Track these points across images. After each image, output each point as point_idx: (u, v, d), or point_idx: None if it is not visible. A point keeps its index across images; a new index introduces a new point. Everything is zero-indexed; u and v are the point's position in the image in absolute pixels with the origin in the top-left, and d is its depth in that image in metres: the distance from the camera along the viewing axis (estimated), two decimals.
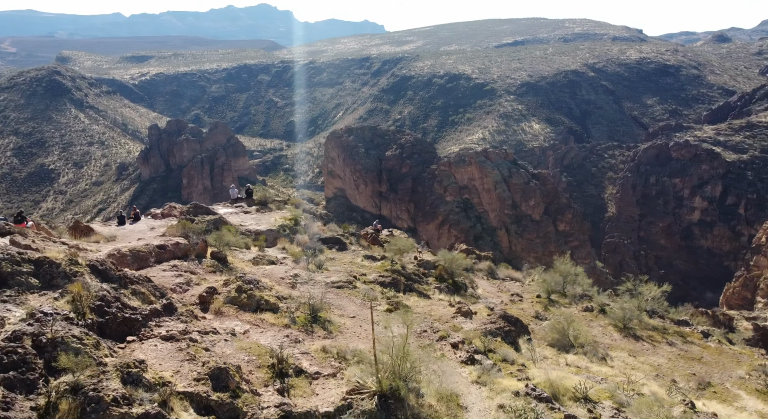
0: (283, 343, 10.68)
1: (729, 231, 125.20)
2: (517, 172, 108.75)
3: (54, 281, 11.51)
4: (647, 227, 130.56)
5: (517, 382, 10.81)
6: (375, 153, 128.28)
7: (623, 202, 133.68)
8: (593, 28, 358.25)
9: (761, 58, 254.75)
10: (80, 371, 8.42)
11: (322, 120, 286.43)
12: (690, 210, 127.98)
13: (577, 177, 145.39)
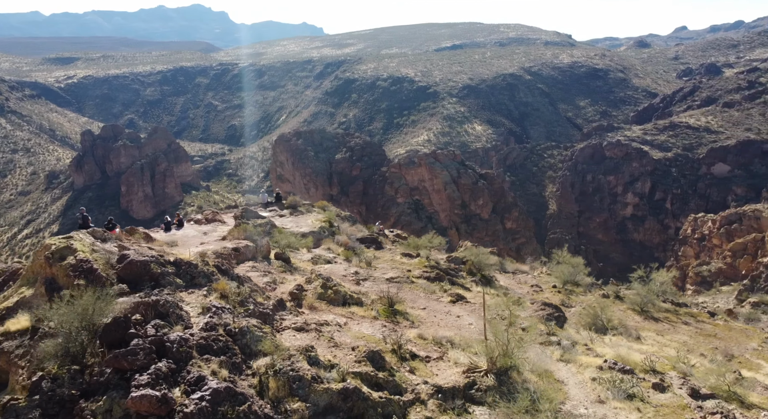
0: (384, 332, 11.27)
1: (658, 224, 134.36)
2: (465, 173, 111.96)
3: (195, 280, 12.34)
4: (586, 223, 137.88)
5: (594, 358, 11.93)
6: (325, 156, 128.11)
7: (563, 200, 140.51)
8: (526, 32, 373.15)
9: (678, 63, 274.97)
10: (276, 354, 9.57)
11: (265, 123, 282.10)
12: (623, 205, 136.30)
13: (519, 176, 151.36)
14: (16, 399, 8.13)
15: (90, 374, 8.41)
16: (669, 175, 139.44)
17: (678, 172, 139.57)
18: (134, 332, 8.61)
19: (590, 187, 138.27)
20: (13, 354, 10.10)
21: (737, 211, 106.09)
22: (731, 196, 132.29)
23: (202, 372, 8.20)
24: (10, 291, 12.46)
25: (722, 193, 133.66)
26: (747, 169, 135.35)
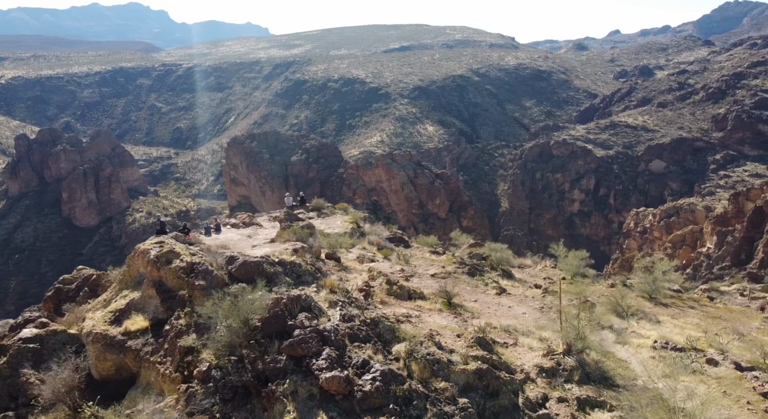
0: (457, 322, 11.81)
1: (603, 219, 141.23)
2: (422, 173, 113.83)
3: (302, 278, 13.32)
4: (536, 219, 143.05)
5: (643, 340, 12.97)
6: (280, 158, 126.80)
7: (514, 197, 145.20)
8: (472, 35, 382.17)
9: (614, 65, 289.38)
10: (409, 341, 10.45)
11: (213, 125, 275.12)
12: (570, 202, 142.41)
13: (472, 175, 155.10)
14: (194, 387, 8.43)
15: (251, 362, 8.83)
16: (611, 171, 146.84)
17: (619, 169, 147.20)
18: (294, 324, 9.02)
19: (539, 185, 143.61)
20: (142, 351, 10.29)
21: (674, 205, 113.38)
22: (667, 191, 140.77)
23: (362, 356, 8.75)
24: (109, 294, 12.52)
25: (659, 188, 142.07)
26: (681, 165, 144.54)
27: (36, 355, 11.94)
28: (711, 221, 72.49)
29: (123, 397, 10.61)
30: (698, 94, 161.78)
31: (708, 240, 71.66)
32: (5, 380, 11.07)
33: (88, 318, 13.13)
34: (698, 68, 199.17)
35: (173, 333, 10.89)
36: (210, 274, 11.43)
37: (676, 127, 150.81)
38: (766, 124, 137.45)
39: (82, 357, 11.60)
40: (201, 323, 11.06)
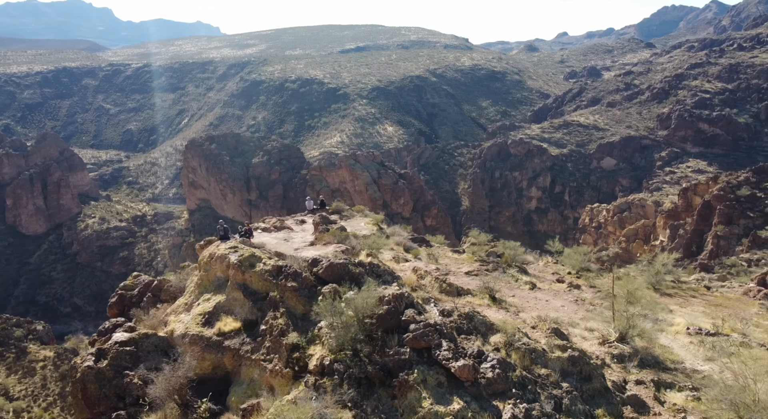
0: (509, 316, 12.32)
1: (559, 215, 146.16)
2: (385, 173, 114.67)
3: (382, 277, 13.89)
4: (496, 217, 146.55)
5: (675, 327, 13.88)
6: (241, 160, 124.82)
7: (474, 196, 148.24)
8: (427, 36, 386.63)
9: (564, 66, 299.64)
10: (503, 332, 11.29)
11: (166, 127, 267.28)
12: (528, 199, 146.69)
13: (433, 175, 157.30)
14: (322, 380, 8.77)
15: (367, 355, 9.45)
16: (566, 169, 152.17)
17: (573, 167, 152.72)
18: (409, 319, 9.45)
19: (498, 183, 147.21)
20: (241, 350, 10.61)
21: (626, 201, 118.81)
22: (618, 187, 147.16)
23: (473, 347, 9.30)
24: (188, 298, 12.71)
25: (611, 185, 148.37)
26: (630, 162, 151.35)
27: (133, 357, 12.50)
28: (663, 215, 76.60)
29: (218, 394, 10.98)
30: (644, 94, 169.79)
31: (661, 233, 75.69)
32: (110, 381, 11.63)
33: (172, 321, 13.46)
34: (642, 69, 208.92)
35: (275, 331, 11.46)
36: (300, 276, 11.97)
37: (625, 126, 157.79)
38: (705, 123, 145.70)
39: (178, 358, 11.86)
40: (300, 322, 11.44)
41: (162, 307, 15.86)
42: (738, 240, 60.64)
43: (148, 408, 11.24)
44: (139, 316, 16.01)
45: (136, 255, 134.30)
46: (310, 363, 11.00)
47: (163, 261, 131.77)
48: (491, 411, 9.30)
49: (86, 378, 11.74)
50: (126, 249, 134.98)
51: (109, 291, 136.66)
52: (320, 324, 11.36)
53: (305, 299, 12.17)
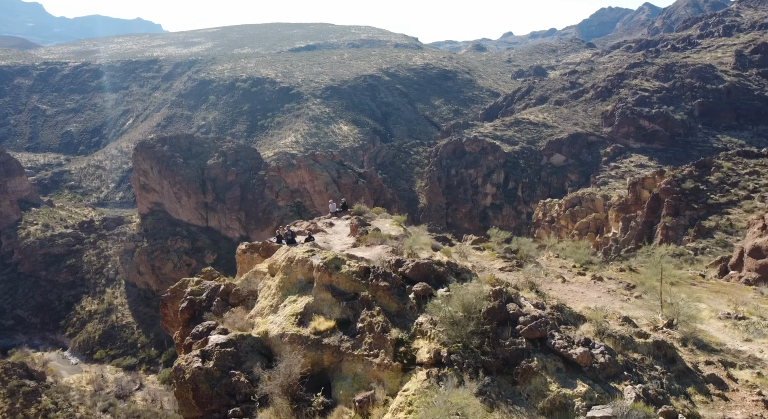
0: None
1: (513, 210, 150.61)
2: (345, 173, 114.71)
3: (461, 275, 14.57)
4: (453, 213, 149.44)
5: (707, 312, 14.94)
6: (195, 162, 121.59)
7: (432, 193, 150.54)
8: (377, 35, 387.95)
9: (511, 65, 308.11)
10: (591, 321, 12.47)
11: (109, 129, 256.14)
12: (483, 195, 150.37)
13: (390, 173, 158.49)
14: (444, 370, 9.14)
15: (478, 346, 11.10)
16: (518, 166, 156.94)
17: (525, 163, 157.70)
18: (516, 312, 10.01)
19: (455, 181, 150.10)
20: (341, 347, 11.98)
21: (577, 195, 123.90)
22: (567, 182, 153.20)
23: (577, 335, 9.94)
24: (272, 300, 13.17)
25: (560, 180, 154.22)
26: (577, 158, 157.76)
27: (234, 358, 13.10)
28: (615, 209, 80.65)
29: (315, 389, 11.45)
30: (588, 93, 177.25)
31: (613, 225, 79.70)
32: (219, 380, 12.21)
33: (261, 323, 13.82)
34: (586, 69, 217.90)
35: (377, 328, 12.18)
36: (390, 276, 12.50)
37: (572, 123, 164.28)
38: (645, 120, 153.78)
39: (281, 357, 12.24)
40: (396, 318, 12.58)
41: (236, 310, 15.99)
42: (685, 230, 64.77)
43: (258, 404, 11.91)
44: (213, 319, 16.13)
45: (84, 262, 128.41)
46: (418, 357, 11.75)
47: (115, 268, 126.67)
48: (612, 392, 10.14)
49: (197, 379, 12.32)
50: (73, 257, 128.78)
51: (55, 301, 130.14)
52: (419, 320, 12.02)
53: (397, 297, 12.81)
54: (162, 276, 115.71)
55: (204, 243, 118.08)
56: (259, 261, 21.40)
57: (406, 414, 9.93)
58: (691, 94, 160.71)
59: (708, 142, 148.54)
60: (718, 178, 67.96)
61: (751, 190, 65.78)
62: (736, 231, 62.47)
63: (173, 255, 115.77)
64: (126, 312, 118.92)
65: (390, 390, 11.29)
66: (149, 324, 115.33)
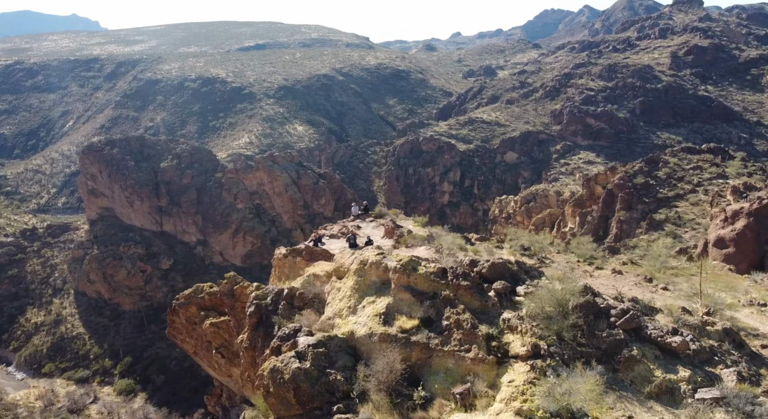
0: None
1: (469, 208, 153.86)
2: (305, 173, 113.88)
3: (530, 273, 15.20)
4: (412, 212, 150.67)
5: (733, 300, 15.93)
6: (147, 165, 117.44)
7: (390, 192, 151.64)
8: (327, 34, 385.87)
9: (462, 65, 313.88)
10: (672, 311, 13.60)
11: (47, 131, 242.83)
12: (441, 194, 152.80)
13: (348, 173, 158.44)
14: (546, 361, 9.35)
15: (573, 338, 11.78)
16: (473, 164, 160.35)
17: (480, 161, 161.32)
18: (606, 305, 10.41)
19: (413, 179, 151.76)
20: (430, 343, 12.52)
21: (531, 192, 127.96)
22: (521, 179, 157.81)
23: (663, 325, 10.50)
24: (349, 302, 13.31)
25: (514, 177, 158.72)
26: (529, 156, 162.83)
27: (326, 357, 13.58)
28: (571, 204, 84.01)
29: (406, 385, 11.83)
30: (538, 92, 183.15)
31: (570, 220, 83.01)
32: (318, 379, 12.72)
33: (343, 324, 14.09)
34: (534, 69, 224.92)
35: (466, 325, 12.73)
36: (469, 276, 12.80)
37: (523, 122, 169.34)
38: (592, 118, 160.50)
39: (373, 356, 12.41)
40: (480, 315, 13.23)
41: (306, 313, 16.05)
42: (637, 223, 68.38)
43: (358, 400, 12.44)
44: (281, 323, 16.18)
45: (28, 272, 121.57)
46: (511, 350, 12.40)
47: (62, 277, 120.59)
48: (710, 375, 10.87)
49: (297, 379, 12.76)
50: (15, 267, 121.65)
51: None
52: (504, 316, 12.52)
53: (478, 295, 13.18)
54: (115, 284, 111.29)
55: (159, 248, 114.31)
56: (303, 265, 21.32)
57: (521, 403, 10.44)
58: (633, 93, 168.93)
59: (649, 138, 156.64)
60: (666, 173, 72.10)
61: (696, 184, 70.14)
62: (684, 223, 66.53)
63: (126, 261, 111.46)
64: (76, 323, 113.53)
65: (487, 383, 11.74)
66: (102, 334, 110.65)
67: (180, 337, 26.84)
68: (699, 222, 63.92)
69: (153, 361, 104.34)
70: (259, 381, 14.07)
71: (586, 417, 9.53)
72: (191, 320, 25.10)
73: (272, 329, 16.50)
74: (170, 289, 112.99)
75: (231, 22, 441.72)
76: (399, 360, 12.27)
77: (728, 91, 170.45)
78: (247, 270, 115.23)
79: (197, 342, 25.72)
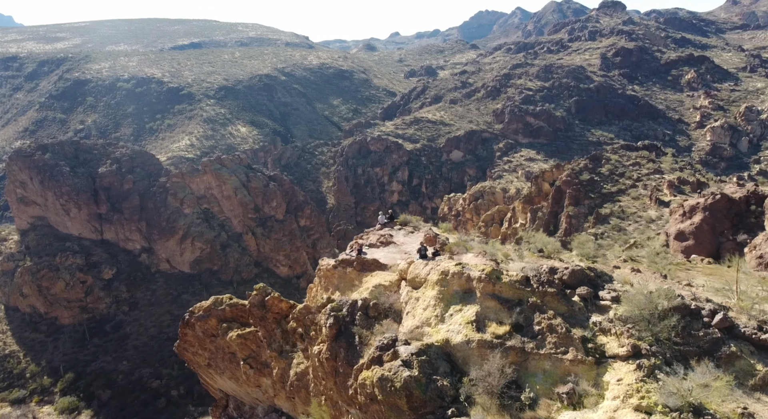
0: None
1: (419, 206, 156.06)
2: (254, 176, 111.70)
3: (602, 278, 15.66)
4: (362, 212, 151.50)
5: (756, 294, 17.03)
6: (84, 171, 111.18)
7: (340, 193, 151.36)
8: (266, 33, 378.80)
9: (403, 65, 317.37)
10: (738, 308, 14.03)
11: None
12: (390, 193, 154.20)
13: (296, 174, 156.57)
14: (650, 361, 10.01)
15: (668, 338, 12.75)
16: (420, 163, 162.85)
17: (427, 160, 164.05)
18: (696, 306, 10.89)
19: (362, 179, 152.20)
20: (525, 347, 13.27)
21: (479, 189, 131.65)
22: (467, 177, 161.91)
23: (740, 323, 11.25)
24: (433, 311, 13.67)
25: (460, 175, 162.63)
26: (474, 154, 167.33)
27: (429, 364, 14.08)
28: (521, 201, 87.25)
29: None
30: (479, 92, 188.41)
31: (521, 217, 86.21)
32: (428, 386, 13.30)
33: (433, 332, 14.90)
34: (474, 69, 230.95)
35: (560, 329, 13.34)
36: (554, 283, 13.19)
37: (467, 121, 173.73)
38: (531, 117, 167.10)
39: (471, 362, 12.73)
40: (569, 319, 13.90)
41: (385, 323, 16.19)
42: (585, 218, 72.12)
43: (467, 404, 13.14)
44: (361, 333, 16.28)
45: None
46: (608, 351, 13.12)
47: None
48: None
49: (409, 386, 13.33)
50: None
51: None
52: (594, 319, 13.17)
53: (564, 301, 13.70)
54: (52, 297, 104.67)
55: (100, 257, 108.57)
56: (354, 275, 21.24)
57: (638, 399, 11.10)
58: (568, 93, 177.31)
59: (584, 136, 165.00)
60: (608, 170, 76.49)
61: (635, 179, 74.86)
62: (627, 217, 70.85)
63: (64, 273, 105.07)
64: (9, 340, 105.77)
65: (589, 382, 12.27)
66: (39, 351, 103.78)
67: (192, 350, 26.08)
68: (641, 215, 68.36)
69: (97, 376, 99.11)
70: (360, 390, 14.32)
71: (705, 411, 10.38)
72: (209, 332, 24.45)
73: (353, 339, 16.66)
74: (114, 300, 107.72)
75: (162, 20, 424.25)
76: (508, 365, 12.81)
77: (652, 90, 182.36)
78: (196, 277, 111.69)
79: (214, 354, 25.16)
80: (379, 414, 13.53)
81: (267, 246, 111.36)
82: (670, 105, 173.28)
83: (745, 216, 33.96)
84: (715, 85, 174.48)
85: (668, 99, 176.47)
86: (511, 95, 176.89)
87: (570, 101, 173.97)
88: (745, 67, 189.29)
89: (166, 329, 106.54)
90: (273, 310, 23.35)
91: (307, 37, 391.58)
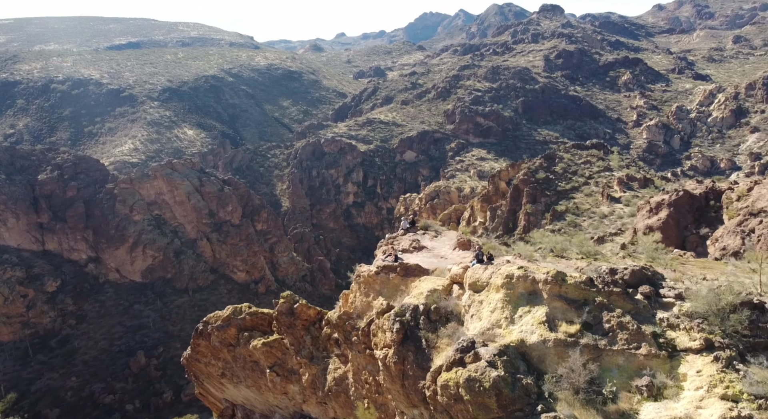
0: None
1: (374, 207, 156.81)
2: (208, 180, 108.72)
3: (656, 276, 16.12)
4: (318, 214, 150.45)
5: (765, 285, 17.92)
6: (22, 178, 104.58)
7: (295, 196, 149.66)
8: (208, 32, 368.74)
9: (351, 66, 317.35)
10: None
11: None
12: (346, 194, 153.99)
13: (248, 178, 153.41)
14: (725, 353, 11.76)
15: (736, 331, 13.44)
16: (374, 164, 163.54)
17: (380, 161, 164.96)
18: (760, 301, 11.24)
19: (317, 182, 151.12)
20: (599, 344, 14.22)
21: (434, 189, 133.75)
22: (420, 177, 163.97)
23: None
24: (501, 313, 15.35)
25: (414, 175, 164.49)
26: (427, 154, 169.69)
27: (512, 364, 14.88)
28: (479, 200, 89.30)
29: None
30: (430, 93, 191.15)
31: (479, 215, 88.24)
32: (515, 384, 14.06)
33: (505, 333, 15.33)
34: (423, 70, 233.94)
35: (631, 326, 14.09)
36: (617, 283, 13.58)
37: (419, 122, 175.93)
38: (481, 117, 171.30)
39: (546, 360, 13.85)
40: (636, 316, 14.56)
41: (450, 326, 16.40)
42: (542, 215, 74.79)
43: (550, 399, 13.96)
44: (428, 337, 17.32)
45: None
46: (679, 345, 13.76)
47: None
48: None
49: (498, 385, 13.95)
50: None
51: None
52: (661, 316, 13.84)
53: (629, 299, 14.25)
54: None
55: (42, 269, 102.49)
56: (398, 281, 21.11)
57: (723, 389, 11.72)
58: (515, 94, 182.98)
59: (531, 135, 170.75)
60: (562, 168, 79.62)
61: (587, 177, 78.33)
62: (582, 213, 74.04)
63: (3, 287, 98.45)
64: None
65: (665, 375, 13.11)
66: None
67: (204, 360, 25.22)
68: (594, 212, 71.63)
69: (44, 395, 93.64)
70: (442, 391, 14.95)
71: None
72: (226, 342, 23.78)
73: (420, 343, 16.87)
74: (59, 313, 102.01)
75: (96, 18, 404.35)
76: (589, 362, 13.33)
77: (593, 91, 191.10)
78: (149, 286, 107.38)
79: (230, 363, 24.52)
80: (464, 413, 13.87)
81: (223, 252, 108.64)
82: (609, 105, 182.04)
83: (705, 211, 36.63)
84: (648, 86, 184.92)
85: (607, 99, 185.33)
86: (461, 96, 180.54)
87: (517, 101, 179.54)
88: (674, 68, 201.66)
89: (117, 341, 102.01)
90: (302, 317, 23.28)
91: (251, 37, 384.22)
